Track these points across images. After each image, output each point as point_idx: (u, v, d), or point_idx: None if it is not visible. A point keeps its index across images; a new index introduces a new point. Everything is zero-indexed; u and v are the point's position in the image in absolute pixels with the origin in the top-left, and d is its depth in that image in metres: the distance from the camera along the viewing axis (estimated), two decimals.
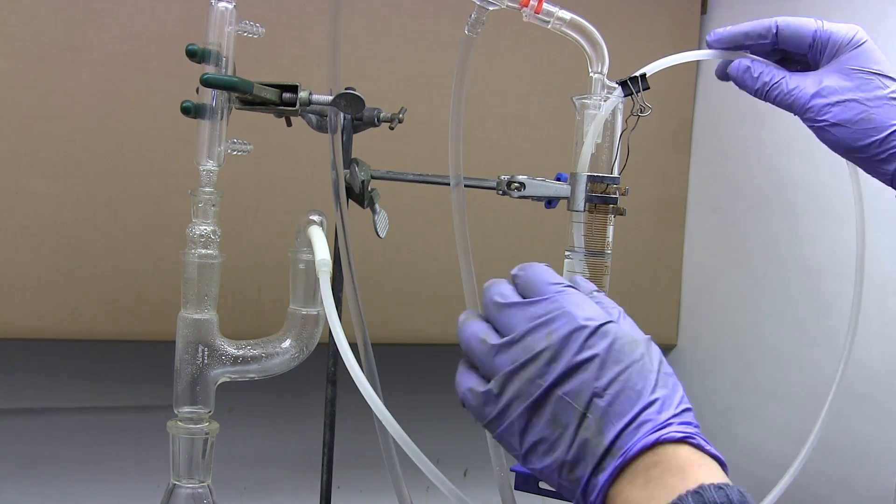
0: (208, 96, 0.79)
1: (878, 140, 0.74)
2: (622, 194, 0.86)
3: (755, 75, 0.80)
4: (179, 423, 0.81)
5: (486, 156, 1.31)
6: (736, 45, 0.82)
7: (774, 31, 0.79)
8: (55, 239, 1.10)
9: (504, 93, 1.35)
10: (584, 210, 0.84)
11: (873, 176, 0.77)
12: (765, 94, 0.79)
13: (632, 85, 0.82)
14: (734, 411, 1.43)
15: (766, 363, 1.37)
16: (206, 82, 0.78)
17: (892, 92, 0.74)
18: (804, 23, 0.79)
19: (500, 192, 0.88)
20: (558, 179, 0.87)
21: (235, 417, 1.36)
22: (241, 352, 0.83)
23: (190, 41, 0.79)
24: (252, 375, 0.84)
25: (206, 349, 0.81)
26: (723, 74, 0.84)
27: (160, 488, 0.84)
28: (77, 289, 1.12)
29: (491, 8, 0.79)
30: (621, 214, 0.86)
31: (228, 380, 0.83)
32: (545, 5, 0.80)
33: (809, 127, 0.78)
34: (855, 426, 1.17)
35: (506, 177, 0.88)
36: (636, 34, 1.42)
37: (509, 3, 0.80)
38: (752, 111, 1.36)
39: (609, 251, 0.87)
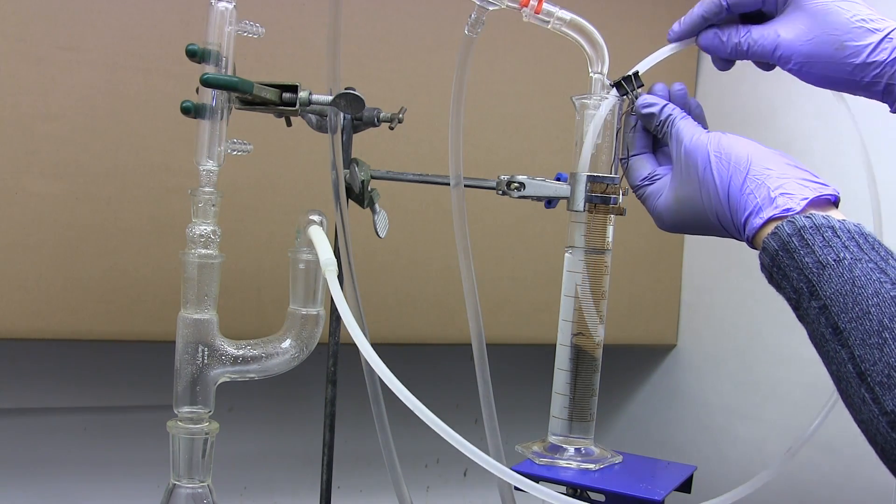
0: (208, 96, 0.79)
1: (857, 65, 0.73)
2: (622, 194, 0.86)
3: (724, 39, 0.80)
4: (179, 423, 0.81)
5: (486, 156, 1.31)
6: (695, 33, 0.82)
7: (725, 2, 0.79)
8: (55, 239, 1.10)
9: (504, 93, 1.35)
10: (584, 210, 0.85)
11: (869, 98, 0.76)
12: (737, 52, 0.79)
13: (626, 84, 0.82)
14: (734, 411, 1.43)
15: (766, 363, 1.37)
16: (206, 82, 0.78)
17: (855, 16, 0.73)
18: None
19: (500, 192, 0.88)
20: (558, 179, 0.87)
21: (235, 417, 1.37)
22: (241, 352, 0.83)
23: (190, 41, 0.79)
24: (252, 375, 0.84)
25: (206, 349, 0.81)
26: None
27: (160, 488, 0.84)
28: (77, 289, 1.12)
29: (491, 8, 0.79)
30: (621, 214, 0.86)
31: (228, 380, 0.83)
32: (545, 5, 0.80)
33: (789, 71, 0.77)
34: (855, 426, 1.17)
35: (505, 177, 0.88)
36: (636, 34, 1.42)
37: (509, 3, 0.80)
38: (752, 111, 1.36)
39: (609, 251, 0.87)
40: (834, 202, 0.69)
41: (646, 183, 0.81)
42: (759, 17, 0.80)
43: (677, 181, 0.77)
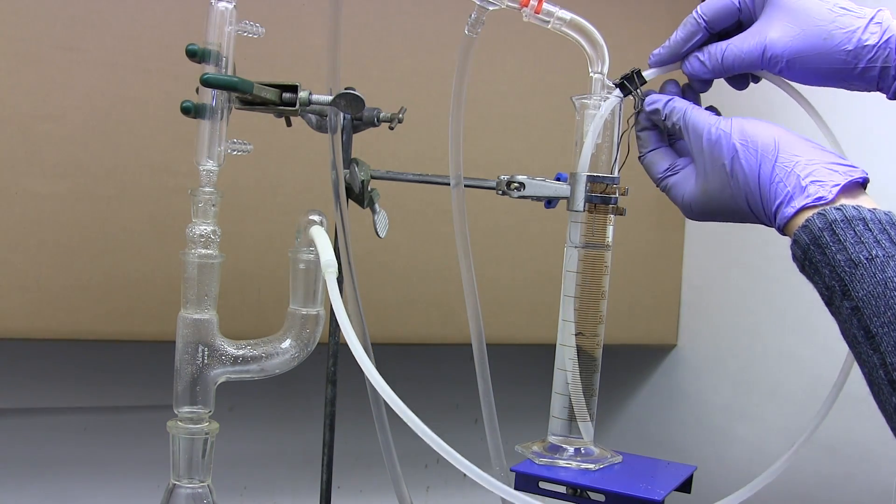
0: (208, 96, 0.79)
1: (850, 52, 0.72)
2: (622, 194, 0.86)
3: (703, 59, 0.79)
4: (179, 423, 0.81)
5: (486, 156, 1.31)
6: (678, 57, 0.81)
7: (703, 22, 0.79)
8: (55, 239, 1.10)
9: (504, 93, 1.35)
10: (584, 210, 0.85)
11: (864, 91, 0.75)
12: (724, 67, 0.78)
13: (628, 84, 0.82)
14: (734, 411, 1.43)
15: (766, 363, 1.37)
16: (206, 82, 0.78)
17: (835, 5, 0.73)
18: None
19: (500, 192, 0.88)
20: (558, 179, 0.87)
21: (235, 417, 1.37)
22: (241, 352, 0.83)
23: (190, 41, 0.79)
24: (252, 375, 0.84)
25: (206, 349, 0.81)
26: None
27: (160, 488, 0.84)
28: (77, 289, 1.12)
29: (491, 8, 0.79)
30: (621, 214, 0.86)
31: (228, 380, 0.83)
32: (545, 5, 0.80)
33: (779, 72, 0.76)
34: (855, 426, 1.17)
35: (505, 177, 0.88)
36: (636, 34, 1.42)
37: (509, 3, 0.80)
38: (751, 110, 1.36)
39: (609, 250, 0.87)
40: (863, 184, 0.68)
41: (668, 174, 0.80)
42: (737, 32, 0.79)
43: (703, 172, 0.76)
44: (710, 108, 0.82)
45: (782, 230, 0.70)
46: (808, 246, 0.65)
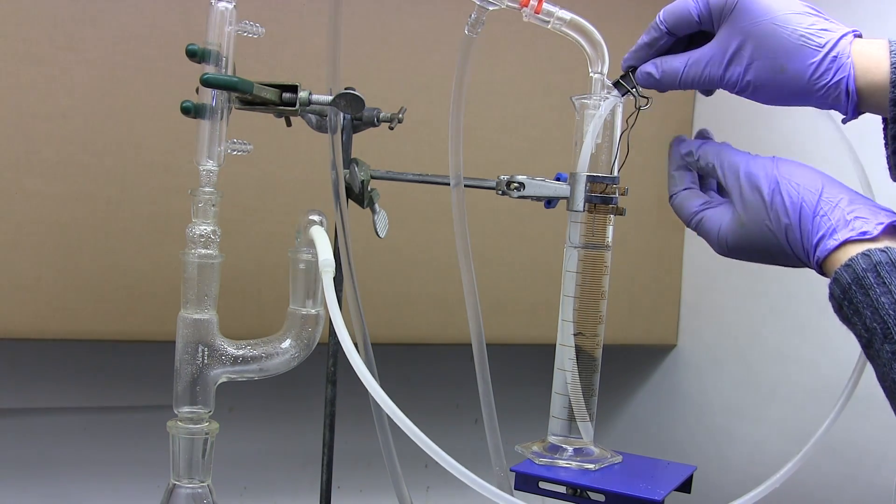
0: (208, 96, 0.79)
1: (801, 86, 0.72)
2: (622, 194, 0.86)
3: (657, 76, 0.79)
4: (179, 423, 0.81)
5: (486, 156, 1.31)
6: (643, 60, 0.81)
7: (664, 27, 0.79)
8: (55, 239, 1.10)
9: (504, 93, 1.35)
10: (584, 210, 0.85)
11: (822, 108, 0.75)
12: (681, 85, 0.78)
13: (625, 82, 0.82)
14: (734, 411, 1.43)
15: (766, 363, 1.37)
16: (206, 82, 0.78)
17: (793, 32, 0.72)
18: (683, 3, 0.78)
19: (500, 192, 0.88)
20: (558, 179, 0.87)
21: (235, 417, 1.37)
22: (241, 352, 0.83)
23: (190, 41, 0.79)
24: (252, 375, 0.84)
25: (206, 349, 0.81)
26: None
27: (160, 488, 0.84)
28: (77, 289, 1.12)
29: (491, 8, 0.79)
30: (621, 214, 0.86)
31: (228, 380, 0.83)
32: (545, 5, 0.80)
33: (739, 94, 0.76)
34: (855, 426, 1.17)
35: (505, 177, 0.88)
36: (636, 34, 1.42)
37: (509, 3, 0.80)
38: (751, 111, 1.36)
39: (609, 250, 0.87)
40: None
41: (705, 207, 0.79)
42: (702, 39, 0.79)
43: (740, 205, 0.74)
44: None
45: (821, 266, 0.69)
46: (850, 286, 0.64)
